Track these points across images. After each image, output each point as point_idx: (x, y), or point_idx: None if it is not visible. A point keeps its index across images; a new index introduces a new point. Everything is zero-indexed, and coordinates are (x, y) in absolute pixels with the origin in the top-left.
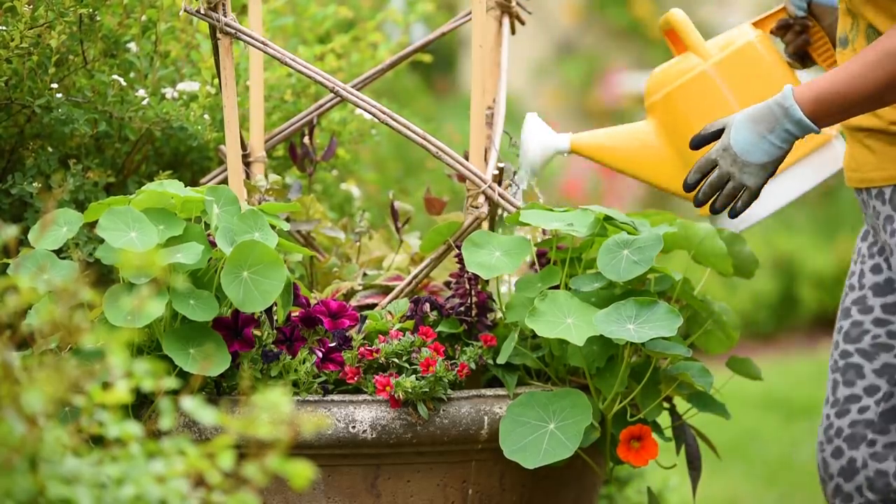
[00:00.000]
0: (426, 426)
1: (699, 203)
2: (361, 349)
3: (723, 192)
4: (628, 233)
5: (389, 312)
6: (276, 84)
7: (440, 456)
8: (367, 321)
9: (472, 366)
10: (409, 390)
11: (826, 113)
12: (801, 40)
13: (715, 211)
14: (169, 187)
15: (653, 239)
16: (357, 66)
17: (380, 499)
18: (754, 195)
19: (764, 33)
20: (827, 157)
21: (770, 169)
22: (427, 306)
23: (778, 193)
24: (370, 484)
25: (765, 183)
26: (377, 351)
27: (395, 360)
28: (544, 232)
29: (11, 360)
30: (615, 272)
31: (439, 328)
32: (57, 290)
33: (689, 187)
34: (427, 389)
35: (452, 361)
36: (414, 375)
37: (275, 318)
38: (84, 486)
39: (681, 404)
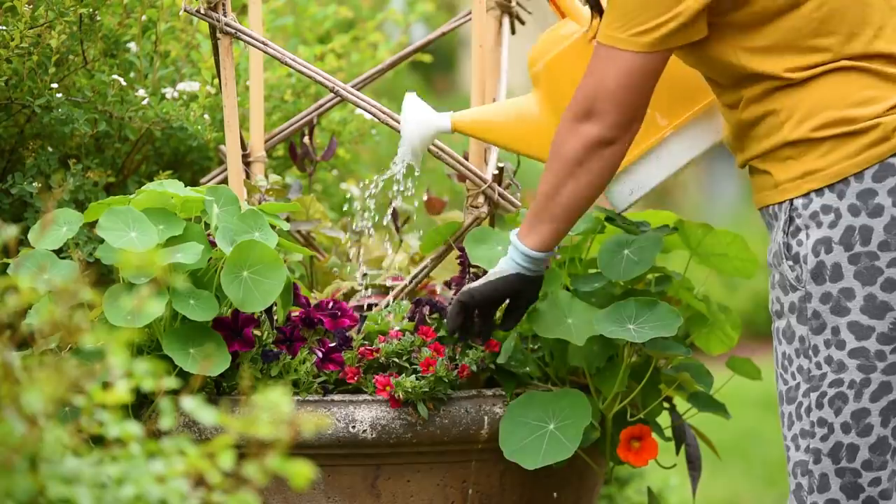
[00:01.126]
0: (426, 426)
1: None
2: (361, 349)
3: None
4: (629, 232)
5: (389, 313)
6: (276, 84)
7: (440, 456)
8: (366, 321)
9: (474, 368)
10: (409, 390)
11: (527, 229)
12: None
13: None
14: (169, 187)
15: (653, 239)
16: (357, 66)
17: (380, 499)
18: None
19: None
20: (702, 130)
21: (490, 277)
22: (427, 309)
23: (654, 173)
24: (370, 484)
25: (482, 290)
26: (377, 350)
27: (396, 360)
28: None
29: (11, 360)
30: (616, 272)
31: (440, 328)
32: (57, 290)
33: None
34: (427, 389)
35: (454, 362)
36: (414, 375)
37: (275, 318)
38: (84, 486)
39: (681, 404)
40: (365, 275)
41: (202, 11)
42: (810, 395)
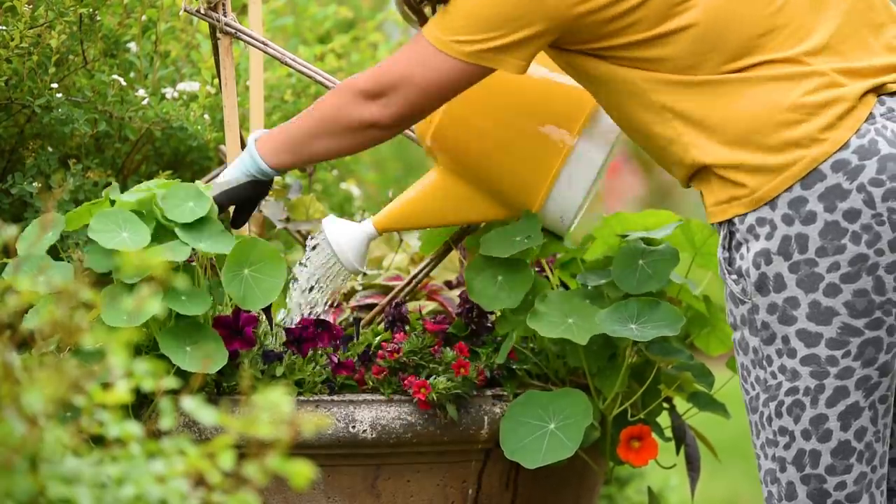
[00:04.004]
0: (426, 426)
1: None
2: (382, 352)
3: None
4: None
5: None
6: (276, 84)
7: (440, 456)
8: (355, 338)
9: (488, 373)
10: (442, 391)
11: (273, 149)
12: None
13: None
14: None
15: (670, 253)
16: (357, 66)
17: (380, 499)
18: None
19: None
20: (598, 134)
21: (224, 187)
22: (404, 308)
23: (572, 193)
24: (370, 484)
25: (221, 199)
26: (398, 351)
27: (415, 359)
28: None
29: (12, 361)
30: (629, 284)
31: (449, 329)
32: (57, 290)
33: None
34: (458, 391)
35: (475, 364)
36: (445, 376)
37: (273, 317)
38: (84, 486)
39: (681, 404)
40: (364, 274)
41: (202, 11)
42: (769, 405)
